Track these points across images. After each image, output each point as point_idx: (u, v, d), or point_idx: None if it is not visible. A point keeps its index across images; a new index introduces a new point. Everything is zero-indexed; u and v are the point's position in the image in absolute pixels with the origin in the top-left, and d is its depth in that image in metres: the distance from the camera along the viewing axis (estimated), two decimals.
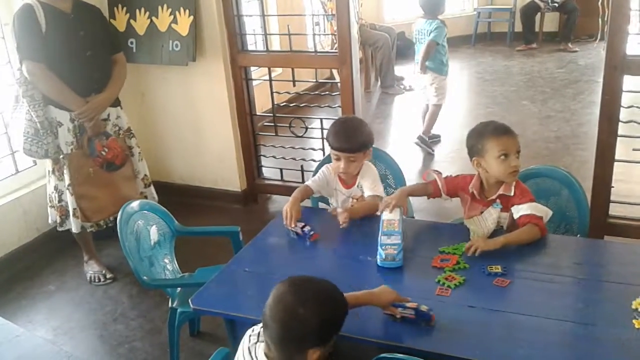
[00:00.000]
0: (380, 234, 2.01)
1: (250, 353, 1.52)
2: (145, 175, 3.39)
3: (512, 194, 2.13)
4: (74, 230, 3.16)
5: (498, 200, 2.16)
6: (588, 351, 1.59)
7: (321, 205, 2.73)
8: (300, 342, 1.41)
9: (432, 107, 4.79)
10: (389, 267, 1.97)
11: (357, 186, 2.45)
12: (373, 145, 2.47)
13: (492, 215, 2.14)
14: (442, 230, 2.28)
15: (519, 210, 2.10)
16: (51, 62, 2.89)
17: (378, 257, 1.99)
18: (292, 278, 1.48)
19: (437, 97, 4.73)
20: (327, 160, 2.74)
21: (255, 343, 1.52)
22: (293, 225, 2.24)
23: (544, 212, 2.11)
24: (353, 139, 2.35)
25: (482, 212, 2.17)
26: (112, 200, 3.14)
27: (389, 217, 2.09)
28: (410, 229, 2.24)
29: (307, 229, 2.22)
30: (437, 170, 2.36)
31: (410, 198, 2.71)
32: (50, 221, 3.27)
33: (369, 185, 2.40)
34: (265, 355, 1.48)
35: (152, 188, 3.43)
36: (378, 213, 2.18)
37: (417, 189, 2.37)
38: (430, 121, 4.82)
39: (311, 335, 1.41)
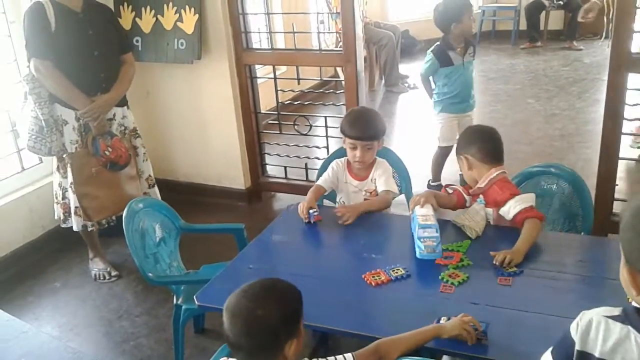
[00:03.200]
0: (417, 228, 2.02)
1: None
2: (150, 175, 3.39)
3: (482, 185, 2.19)
4: (75, 228, 3.18)
5: (481, 196, 2.20)
6: None
7: (327, 202, 2.73)
8: (273, 341, 1.38)
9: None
10: (428, 259, 1.98)
11: (371, 180, 2.50)
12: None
13: (478, 213, 2.16)
14: (445, 227, 2.28)
15: (509, 211, 2.10)
16: (59, 60, 2.90)
17: (417, 249, 2.00)
18: (235, 292, 1.43)
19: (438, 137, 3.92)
20: (333, 156, 2.76)
21: None
22: (305, 215, 2.32)
23: (530, 199, 2.12)
24: (370, 128, 2.44)
25: (469, 206, 2.24)
26: (114, 199, 3.14)
27: (423, 212, 2.10)
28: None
29: (312, 210, 2.33)
30: (453, 185, 2.40)
31: None
32: (56, 217, 3.29)
33: (384, 181, 2.46)
34: None
35: (156, 189, 3.42)
36: (409, 212, 2.21)
37: (442, 196, 2.32)
38: (432, 165, 4.01)
39: (279, 330, 1.38)
